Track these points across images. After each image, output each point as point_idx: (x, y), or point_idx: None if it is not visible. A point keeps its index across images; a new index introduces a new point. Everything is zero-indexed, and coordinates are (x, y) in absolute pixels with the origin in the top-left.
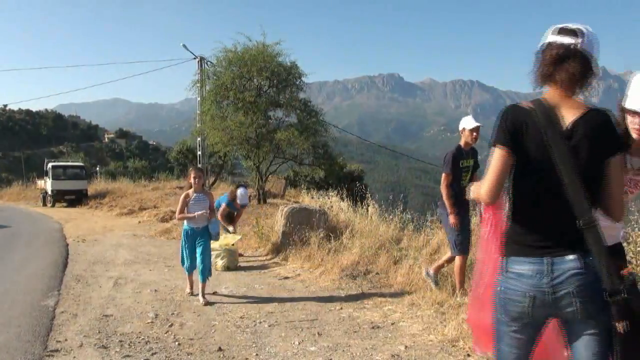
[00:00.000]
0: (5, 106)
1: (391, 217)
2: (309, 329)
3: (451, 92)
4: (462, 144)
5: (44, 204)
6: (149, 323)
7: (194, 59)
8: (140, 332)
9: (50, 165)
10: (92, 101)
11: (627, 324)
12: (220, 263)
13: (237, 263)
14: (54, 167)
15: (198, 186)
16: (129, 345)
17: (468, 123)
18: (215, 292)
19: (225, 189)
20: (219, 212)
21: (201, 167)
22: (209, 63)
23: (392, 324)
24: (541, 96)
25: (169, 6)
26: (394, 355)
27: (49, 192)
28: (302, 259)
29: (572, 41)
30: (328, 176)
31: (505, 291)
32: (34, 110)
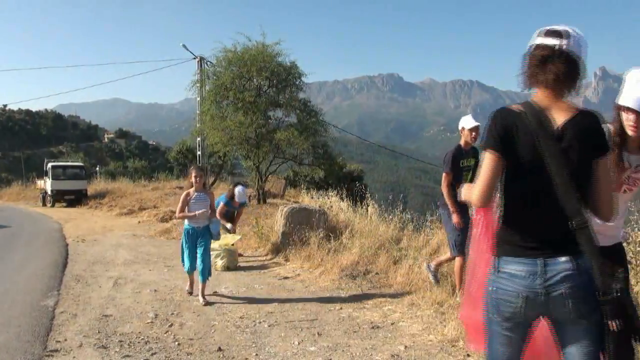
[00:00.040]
0: (5, 106)
1: (391, 217)
2: (308, 329)
3: (451, 92)
4: (462, 144)
5: (44, 204)
6: (148, 323)
7: (194, 59)
8: (140, 332)
9: (49, 165)
10: (92, 101)
11: (620, 322)
12: (220, 263)
13: (236, 263)
14: (53, 167)
15: (199, 185)
16: (128, 345)
17: (467, 122)
18: (215, 292)
19: (224, 189)
20: (217, 211)
21: (202, 166)
22: (208, 63)
23: (392, 324)
24: (530, 98)
25: (169, 6)
26: (394, 355)
27: (49, 192)
28: (301, 259)
29: (556, 42)
30: (328, 176)
31: (497, 291)
32: (33, 110)
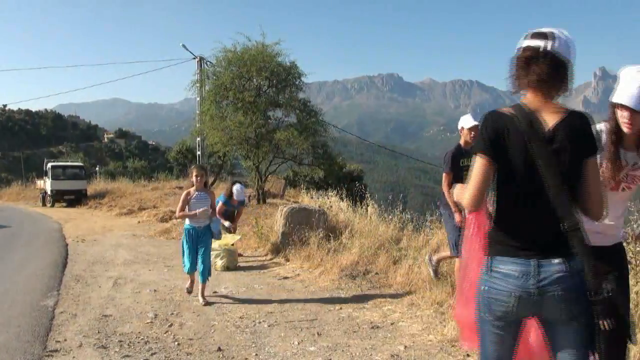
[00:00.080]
0: (5, 106)
1: (390, 217)
2: (308, 329)
3: (451, 92)
4: (461, 143)
5: (44, 204)
6: (148, 323)
7: (194, 59)
8: (139, 332)
9: (49, 165)
10: (92, 101)
11: (611, 322)
12: (219, 263)
13: (236, 263)
14: (53, 167)
15: (200, 185)
16: (128, 345)
17: (467, 122)
18: (214, 292)
19: (224, 189)
20: (216, 210)
21: (203, 165)
22: (208, 63)
23: (392, 324)
24: (520, 101)
25: (169, 6)
26: (394, 355)
27: (49, 192)
28: (301, 259)
29: (541, 44)
30: (327, 176)
31: (489, 290)
32: (33, 110)
